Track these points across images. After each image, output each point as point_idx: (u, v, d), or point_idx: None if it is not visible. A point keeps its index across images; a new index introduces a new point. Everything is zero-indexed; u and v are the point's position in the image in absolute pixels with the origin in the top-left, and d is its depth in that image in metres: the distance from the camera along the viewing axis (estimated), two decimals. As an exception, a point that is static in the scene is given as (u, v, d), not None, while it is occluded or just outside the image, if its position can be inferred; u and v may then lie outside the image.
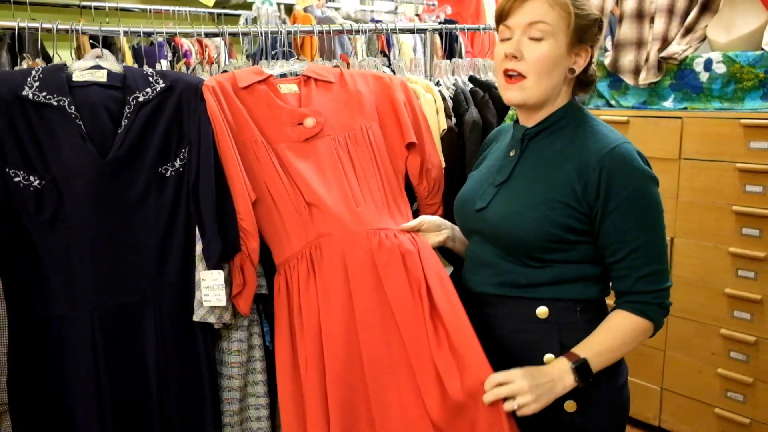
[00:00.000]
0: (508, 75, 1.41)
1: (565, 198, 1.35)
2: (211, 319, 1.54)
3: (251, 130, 1.58)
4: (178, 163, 1.56)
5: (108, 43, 2.93)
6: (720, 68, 2.81)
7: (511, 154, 1.47)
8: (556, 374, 1.35)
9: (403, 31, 1.98)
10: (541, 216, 1.36)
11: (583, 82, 1.44)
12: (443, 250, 1.64)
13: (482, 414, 1.34)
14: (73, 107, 1.48)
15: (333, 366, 1.47)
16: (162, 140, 1.54)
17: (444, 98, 1.81)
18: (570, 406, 1.37)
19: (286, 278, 1.55)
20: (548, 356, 1.39)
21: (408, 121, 1.67)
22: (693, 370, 2.89)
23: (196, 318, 1.54)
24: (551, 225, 1.36)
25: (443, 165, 1.74)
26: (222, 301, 1.50)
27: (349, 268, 1.50)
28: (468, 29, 2.05)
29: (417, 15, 4.13)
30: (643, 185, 1.33)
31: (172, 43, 3.23)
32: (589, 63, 1.42)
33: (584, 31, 1.38)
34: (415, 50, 3.71)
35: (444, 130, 1.76)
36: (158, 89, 1.56)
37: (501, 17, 1.41)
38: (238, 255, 1.55)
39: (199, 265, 1.52)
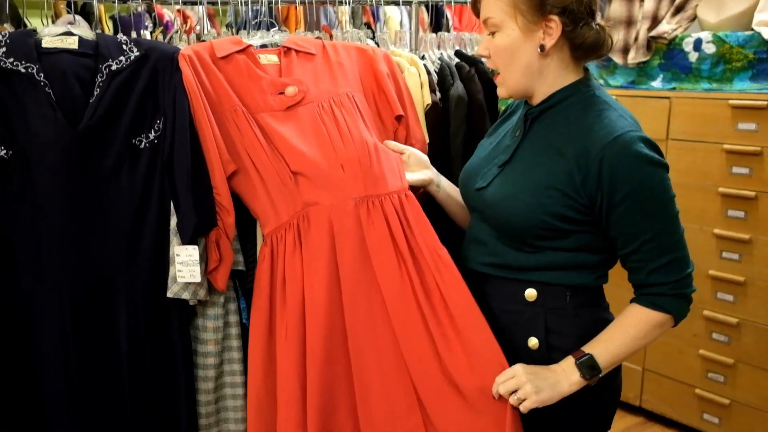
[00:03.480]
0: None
1: (563, 186, 1.30)
2: (186, 296, 1.50)
3: (231, 100, 1.53)
4: (152, 135, 1.51)
5: (86, 11, 2.85)
6: (710, 48, 2.78)
7: (517, 134, 1.43)
8: (560, 371, 1.33)
9: (388, 2, 1.93)
10: (536, 202, 1.32)
11: (581, 47, 1.34)
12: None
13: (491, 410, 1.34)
14: (41, 74, 1.43)
15: (314, 338, 1.44)
16: (136, 111, 1.49)
17: (429, 72, 1.76)
18: None
19: (272, 249, 1.51)
20: (532, 340, 1.37)
21: (393, 93, 1.63)
22: (675, 350, 2.89)
23: (169, 294, 1.50)
24: (545, 213, 1.32)
25: (427, 140, 1.70)
26: (196, 277, 1.46)
27: (336, 239, 1.47)
28: (455, 2, 2.00)
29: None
30: (650, 175, 1.27)
31: (153, 14, 3.14)
32: (574, 27, 1.31)
33: (540, 2, 1.29)
34: (401, 25, 3.65)
35: (428, 104, 1.71)
36: (132, 57, 1.50)
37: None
38: (214, 230, 1.51)
39: (174, 240, 1.48)
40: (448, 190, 1.59)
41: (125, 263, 1.50)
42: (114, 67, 1.48)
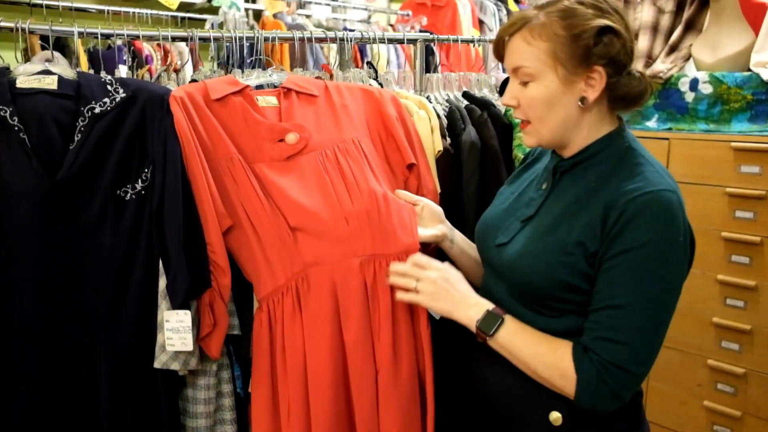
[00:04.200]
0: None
1: (587, 241, 1.18)
2: (175, 366, 1.33)
3: (226, 148, 1.39)
4: (139, 185, 1.35)
5: (60, 45, 2.68)
6: (706, 88, 2.72)
7: (543, 186, 1.32)
8: (467, 300, 1.28)
9: (391, 41, 1.81)
10: (556, 261, 1.19)
11: (623, 98, 1.23)
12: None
13: None
14: (15, 118, 1.27)
15: (319, 414, 1.31)
16: (121, 158, 1.34)
17: (438, 116, 1.64)
18: None
19: (269, 314, 1.37)
20: (554, 414, 1.23)
21: (403, 139, 1.50)
22: (677, 401, 2.77)
23: (157, 365, 1.33)
24: (567, 272, 1.19)
25: (438, 190, 1.57)
26: (188, 345, 1.30)
27: (340, 303, 1.34)
28: (462, 41, 1.89)
29: (391, 25, 3.98)
30: (662, 241, 1.12)
31: (132, 48, 2.99)
32: (618, 78, 1.20)
33: (584, 53, 1.17)
34: (388, 62, 3.55)
35: (439, 151, 1.59)
36: (118, 99, 1.35)
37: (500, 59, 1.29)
38: (208, 291, 1.35)
39: (162, 303, 1.32)
40: (462, 245, 1.47)
41: (107, 329, 1.33)
42: (97, 110, 1.33)
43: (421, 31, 3.17)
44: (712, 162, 2.64)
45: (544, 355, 1.19)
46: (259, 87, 1.56)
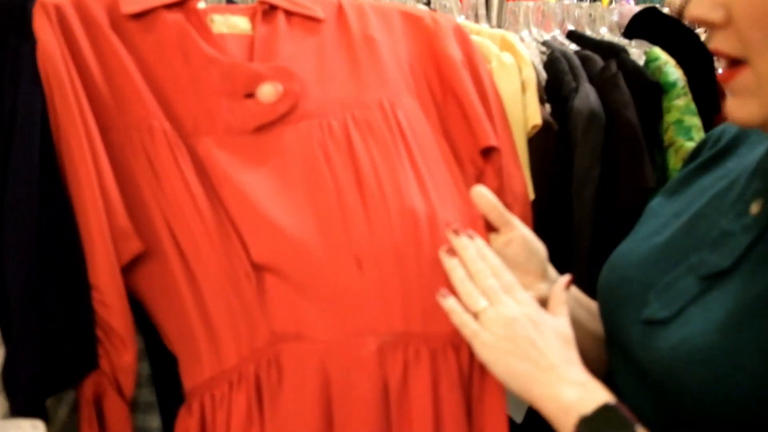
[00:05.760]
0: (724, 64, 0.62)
1: None
2: None
3: (142, 107, 0.76)
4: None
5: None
6: None
7: (753, 209, 0.65)
8: (570, 367, 0.67)
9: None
10: None
11: None
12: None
13: None
14: None
15: None
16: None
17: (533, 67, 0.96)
18: None
19: (203, 420, 0.73)
20: None
21: (477, 103, 0.83)
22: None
23: None
24: None
25: (531, 196, 0.89)
26: (41, 486, 0.66)
27: (335, 416, 0.72)
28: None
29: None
30: None
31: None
32: None
33: None
34: None
35: (535, 126, 0.91)
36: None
37: None
38: (92, 378, 0.72)
39: (-3, 400, 0.68)
40: (576, 312, 0.79)
41: None
42: None
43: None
44: None
45: None
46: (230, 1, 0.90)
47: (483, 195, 0.76)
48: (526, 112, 0.91)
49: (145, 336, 0.78)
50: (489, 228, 0.77)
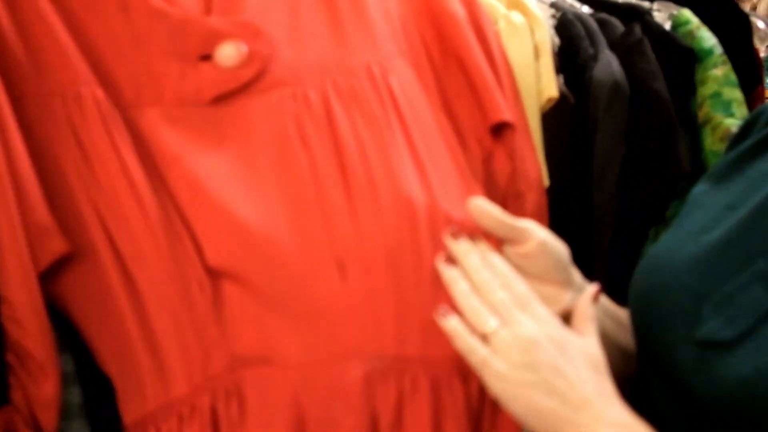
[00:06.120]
0: None
1: None
2: None
3: (70, 69, 0.60)
4: None
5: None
6: None
7: None
8: (607, 402, 0.54)
9: None
10: None
11: None
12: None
13: None
14: None
15: None
16: None
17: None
18: None
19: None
20: None
21: (485, 67, 0.69)
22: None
23: None
24: None
25: (546, 182, 0.75)
26: None
27: None
28: None
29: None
30: None
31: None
32: None
33: None
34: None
35: (551, 99, 0.77)
36: None
37: None
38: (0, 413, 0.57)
39: None
40: (602, 322, 0.65)
41: None
42: None
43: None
44: None
45: None
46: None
47: (483, 209, 0.61)
48: (540, 83, 0.77)
49: (76, 354, 0.63)
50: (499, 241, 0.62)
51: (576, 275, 0.64)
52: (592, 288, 0.61)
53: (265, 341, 0.58)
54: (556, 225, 0.68)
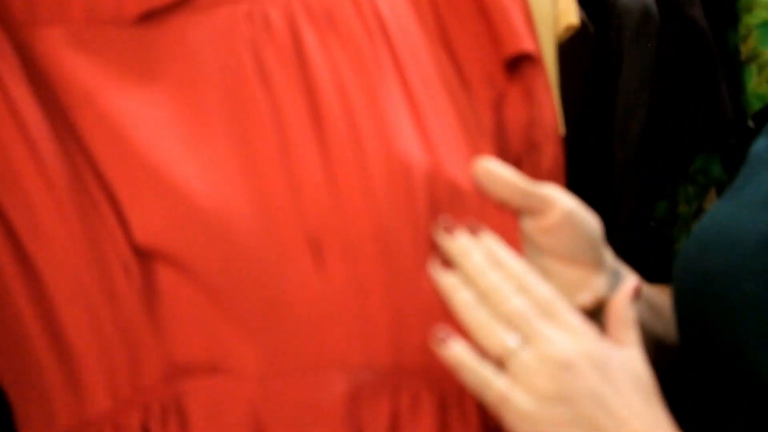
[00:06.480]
0: None
1: None
2: None
3: None
4: None
5: None
6: None
7: None
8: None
9: None
10: None
11: None
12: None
13: None
14: None
15: None
16: None
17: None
18: None
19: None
20: None
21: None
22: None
23: None
24: None
25: (562, 131, 0.62)
26: None
27: None
28: None
29: None
30: None
31: None
32: None
33: None
34: None
35: (570, 27, 0.63)
36: None
37: None
38: None
39: None
40: (641, 313, 0.53)
41: None
42: None
43: None
44: None
45: None
46: None
47: (493, 173, 0.47)
48: (557, 8, 0.63)
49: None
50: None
51: (608, 255, 0.52)
52: (630, 283, 0.49)
53: (213, 345, 0.44)
54: (567, 186, 0.56)
